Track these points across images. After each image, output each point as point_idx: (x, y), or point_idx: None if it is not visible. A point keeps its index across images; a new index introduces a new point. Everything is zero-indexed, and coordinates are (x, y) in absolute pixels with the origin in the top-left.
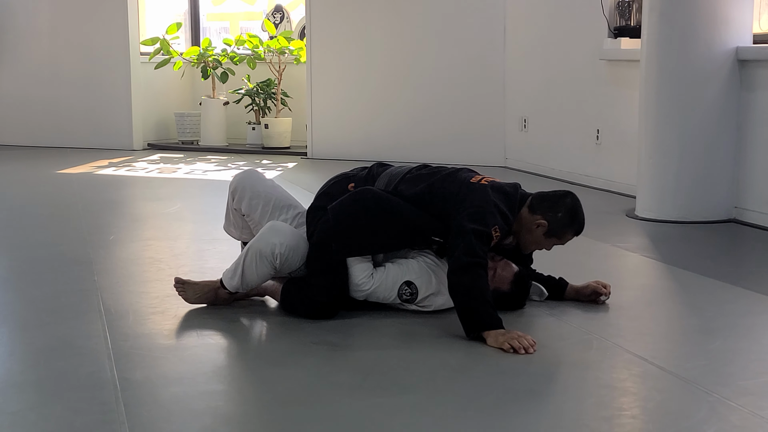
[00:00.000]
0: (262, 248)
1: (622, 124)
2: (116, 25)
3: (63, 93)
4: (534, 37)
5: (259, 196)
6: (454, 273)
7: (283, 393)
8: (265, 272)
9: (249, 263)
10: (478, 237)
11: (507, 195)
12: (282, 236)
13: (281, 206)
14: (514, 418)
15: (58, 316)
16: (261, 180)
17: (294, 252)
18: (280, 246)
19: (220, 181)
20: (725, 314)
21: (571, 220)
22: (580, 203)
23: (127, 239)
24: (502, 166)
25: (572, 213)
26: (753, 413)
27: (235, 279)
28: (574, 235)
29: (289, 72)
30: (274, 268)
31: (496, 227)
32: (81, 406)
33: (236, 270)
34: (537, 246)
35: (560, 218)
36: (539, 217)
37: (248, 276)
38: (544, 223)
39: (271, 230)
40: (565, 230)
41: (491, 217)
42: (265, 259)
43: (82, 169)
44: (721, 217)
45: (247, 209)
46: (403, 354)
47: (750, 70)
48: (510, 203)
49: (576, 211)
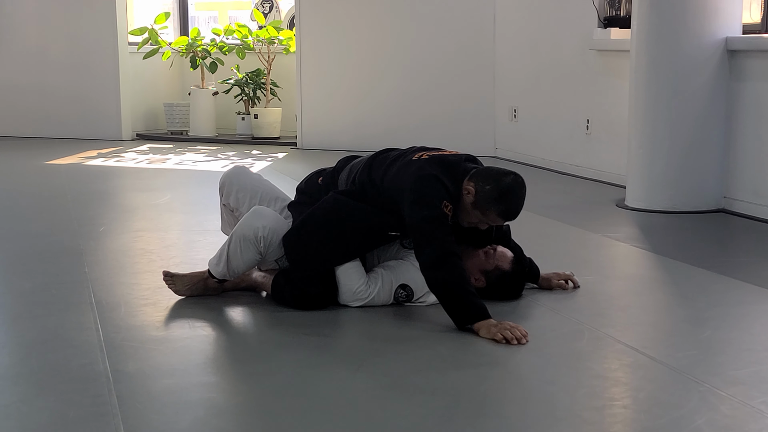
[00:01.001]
0: (245, 232)
1: (611, 114)
2: (104, 14)
3: (51, 83)
4: (524, 27)
5: (246, 189)
6: (427, 270)
7: (276, 384)
8: (250, 257)
9: (234, 248)
10: (432, 223)
11: (449, 165)
12: (264, 219)
13: (268, 199)
14: (506, 409)
15: (49, 308)
16: (247, 174)
17: (277, 235)
18: (263, 229)
19: (210, 172)
20: (715, 304)
21: (499, 198)
22: (522, 190)
23: (118, 230)
24: (492, 155)
25: (503, 191)
26: (743, 403)
27: (220, 265)
28: (500, 217)
29: (279, 62)
30: (259, 253)
31: (444, 201)
32: (74, 398)
33: (221, 256)
34: (466, 217)
35: (487, 191)
36: (471, 183)
37: (233, 262)
38: (472, 190)
39: (253, 214)
40: (488, 205)
41: (434, 193)
42: (249, 242)
43: (71, 159)
44: (710, 207)
45: (234, 203)
46: (396, 345)
47: (739, 60)
48: (453, 173)
49: (508, 192)
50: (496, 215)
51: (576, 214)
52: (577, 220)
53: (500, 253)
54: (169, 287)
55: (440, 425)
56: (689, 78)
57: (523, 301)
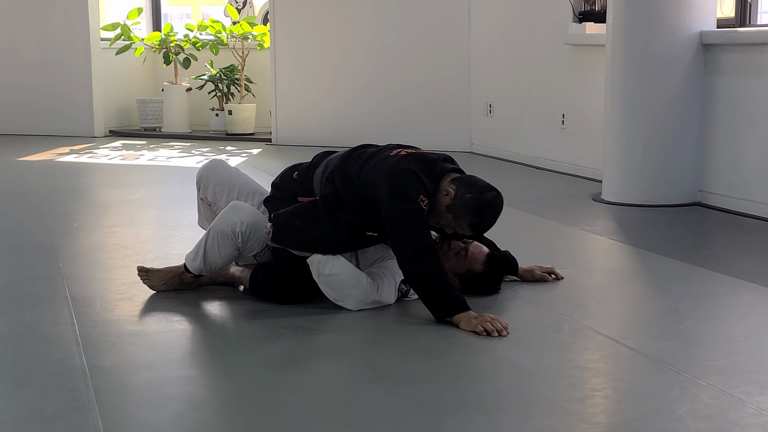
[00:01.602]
0: (223, 227)
1: (587, 108)
2: (76, 10)
3: (21, 79)
4: (499, 22)
5: (224, 183)
6: (405, 263)
7: (255, 377)
8: (227, 252)
9: (211, 244)
10: (408, 216)
11: (426, 162)
12: (243, 215)
13: (246, 193)
14: (487, 399)
15: (23, 304)
16: (225, 168)
17: (255, 231)
18: (240, 224)
19: (184, 168)
20: (693, 296)
21: (475, 209)
22: (500, 209)
23: (92, 226)
24: (468, 151)
25: (482, 204)
26: (724, 392)
27: (197, 261)
28: (470, 227)
29: (253, 57)
30: (236, 248)
31: (421, 196)
32: (51, 392)
33: (198, 251)
34: (436, 218)
35: (467, 199)
36: (453, 186)
37: (211, 257)
38: (452, 192)
39: (231, 209)
40: (463, 213)
41: (411, 187)
42: (226, 237)
43: (43, 156)
44: (686, 201)
45: (212, 197)
46: (376, 337)
47: (714, 54)
48: (430, 169)
49: (488, 206)
50: (467, 225)
51: (552, 208)
52: (553, 213)
53: (472, 253)
54: (144, 282)
55: (422, 416)
56: (664, 72)
57: (501, 295)
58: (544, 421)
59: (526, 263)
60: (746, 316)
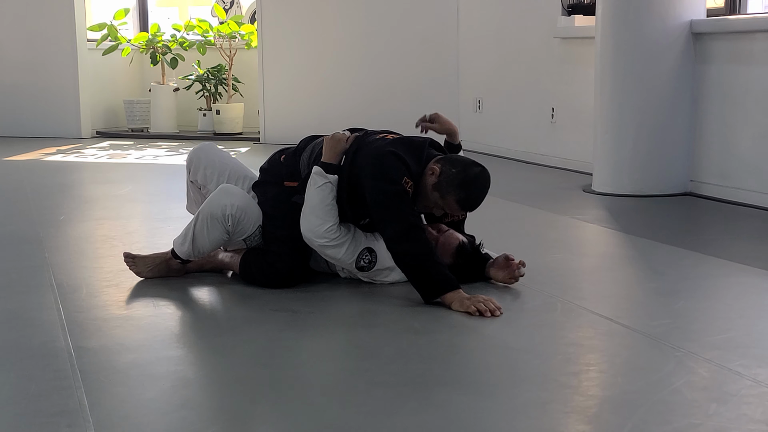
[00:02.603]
0: (213, 210)
1: (576, 101)
2: (62, 10)
3: (7, 80)
4: (487, 17)
5: (214, 166)
6: (393, 244)
7: (244, 356)
8: (216, 236)
9: (200, 227)
10: (394, 198)
11: (412, 146)
12: (233, 198)
13: (236, 177)
14: (481, 374)
15: (8, 291)
16: (216, 151)
17: (245, 214)
18: (231, 207)
19: (172, 165)
20: (687, 277)
21: (462, 184)
22: (487, 183)
23: (78, 219)
24: None
25: (468, 179)
26: (721, 366)
27: (185, 245)
28: (458, 203)
29: (240, 57)
30: (226, 232)
31: (405, 178)
32: (35, 373)
33: (186, 235)
34: (423, 200)
35: (452, 174)
36: (438, 165)
37: (199, 241)
38: (437, 171)
39: (221, 192)
40: (450, 189)
41: (394, 170)
42: (216, 221)
43: (29, 156)
44: (677, 191)
45: (202, 180)
46: (366, 318)
47: (704, 43)
48: (416, 154)
49: (474, 180)
50: (454, 201)
51: (543, 199)
52: (544, 204)
53: (442, 244)
54: (131, 269)
55: (413, 391)
56: (654, 62)
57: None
58: (539, 394)
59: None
60: (741, 296)
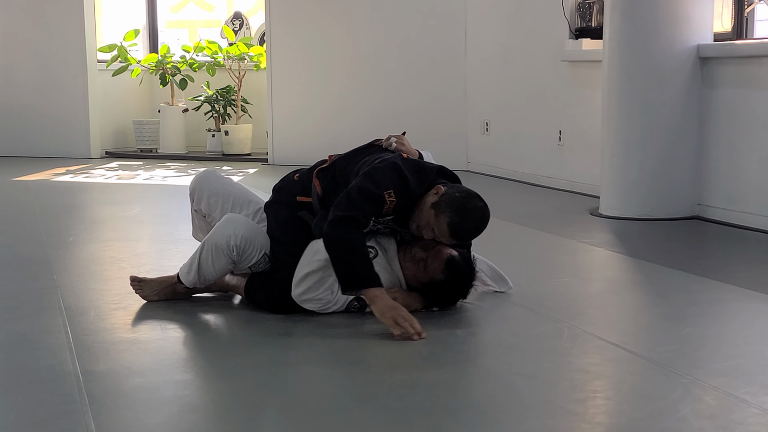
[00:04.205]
0: (217, 240)
1: (584, 124)
2: (73, 31)
3: (18, 100)
4: (495, 40)
5: (218, 194)
6: (328, 226)
7: (251, 381)
8: (221, 266)
9: (205, 257)
10: (360, 193)
11: (420, 167)
12: (238, 227)
13: (241, 203)
14: (487, 402)
15: (17, 313)
16: (219, 178)
17: (250, 244)
18: (235, 237)
19: (181, 186)
20: (694, 303)
21: (459, 209)
22: (485, 220)
23: (87, 240)
24: (465, 169)
25: (467, 206)
26: (728, 393)
27: (191, 274)
28: (449, 228)
29: (249, 79)
30: (231, 261)
31: (390, 191)
32: (43, 397)
33: (192, 265)
34: (418, 215)
35: (454, 197)
36: (444, 187)
37: (205, 270)
38: (441, 190)
39: (226, 222)
40: (446, 210)
41: (386, 178)
42: (221, 251)
43: (39, 176)
44: (684, 214)
45: (206, 209)
46: (373, 344)
47: (711, 67)
48: (421, 174)
49: (472, 211)
50: (446, 223)
51: (549, 222)
52: (550, 227)
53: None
54: (137, 292)
55: (420, 418)
56: (662, 86)
57: (497, 300)
58: (545, 421)
59: (523, 275)
60: (749, 323)
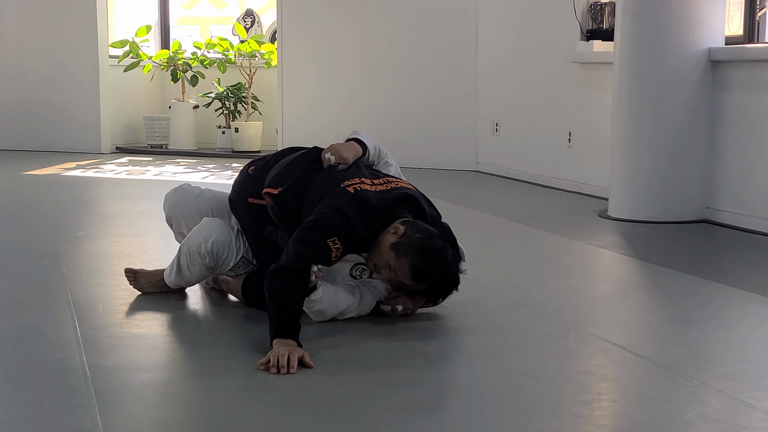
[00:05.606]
0: (190, 247)
1: (594, 126)
2: (85, 26)
3: (29, 95)
4: (506, 41)
5: (192, 214)
6: (269, 277)
7: (256, 378)
8: (199, 270)
9: (183, 262)
10: (304, 245)
11: (368, 207)
12: (210, 233)
13: (218, 210)
14: (492, 402)
15: (25, 307)
16: (190, 199)
17: (225, 248)
18: (206, 244)
19: (191, 182)
20: (701, 306)
21: (421, 252)
22: (446, 263)
23: (96, 235)
24: (474, 170)
25: (428, 249)
26: (734, 398)
27: (173, 276)
28: (410, 270)
29: (260, 76)
30: (208, 267)
31: (335, 239)
32: (49, 390)
33: (173, 267)
34: (377, 255)
35: (415, 239)
36: (405, 226)
37: (185, 275)
38: (401, 230)
39: (199, 229)
40: (407, 253)
41: (331, 226)
42: (195, 258)
43: (49, 170)
44: (693, 218)
45: (188, 231)
46: (378, 343)
47: (722, 70)
48: (369, 215)
49: (433, 253)
50: (407, 267)
51: (558, 224)
52: (559, 229)
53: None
54: (131, 284)
55: (425, 418)
56: (672, 88)
57: (503, 302)
58: (550, 423)
59: (531, 276)
60: (756, 327)
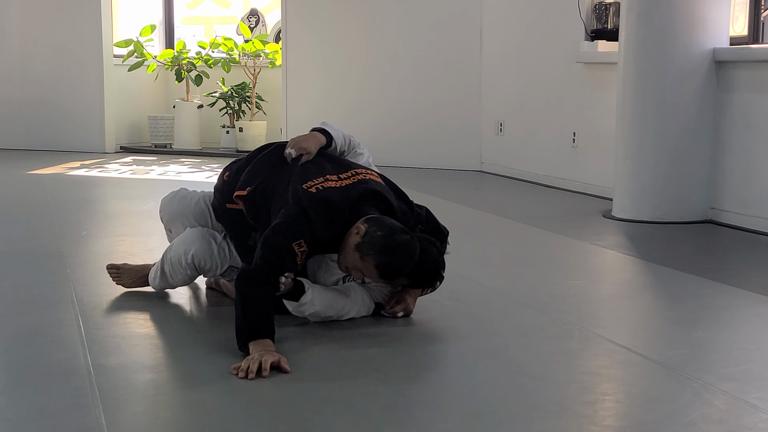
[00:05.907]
0: (172, 258)
1: (598, 126)
2: (89, 26)
3: (34, 94)
4: (510, 41)
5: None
6: (238, 279)
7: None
8: (182, 279)
9: (167, 270)
10: (268, 249)
11: (329, 207)
12: (190, 246)
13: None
14: (496, 402)
15: (29, 306)
16: (188, 206)
17: (206, 260)
18: (186, 256)
19: (194, 182)
20: (705, 307)
21: (383, 249)
22: (412, 255)
23: (100, 235)
24: (478, 170)
25: (391, 245)
26: (737, 398)
27: (156, 281)
28: (376, 269)
29: (264, 76)
30: (190, 276)
31: (300, 241)
32: (53, 390)
33: (156, 273)
34: (344, 259)
35: (377, 237)
36: (365, 225)
37: (169, 281)
38: (362, 230)
39: (180, 241)
40: (371, 252)
41: (293, 229)
42: (178, 267)
43: (53, 170)
44: (697, 218)
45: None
46: (381, 342)
47: (726, 71)
48: (330, 215)
49: (396, 248)
50: (373, 266)
51: (562, 224)
52: (563, 229)
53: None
54: (114, 279)
55: (429, 416)
56: (677, 89)
57: (507, 302)
58: (554, 423)
59: (535, 276)
60: (760, 327)
